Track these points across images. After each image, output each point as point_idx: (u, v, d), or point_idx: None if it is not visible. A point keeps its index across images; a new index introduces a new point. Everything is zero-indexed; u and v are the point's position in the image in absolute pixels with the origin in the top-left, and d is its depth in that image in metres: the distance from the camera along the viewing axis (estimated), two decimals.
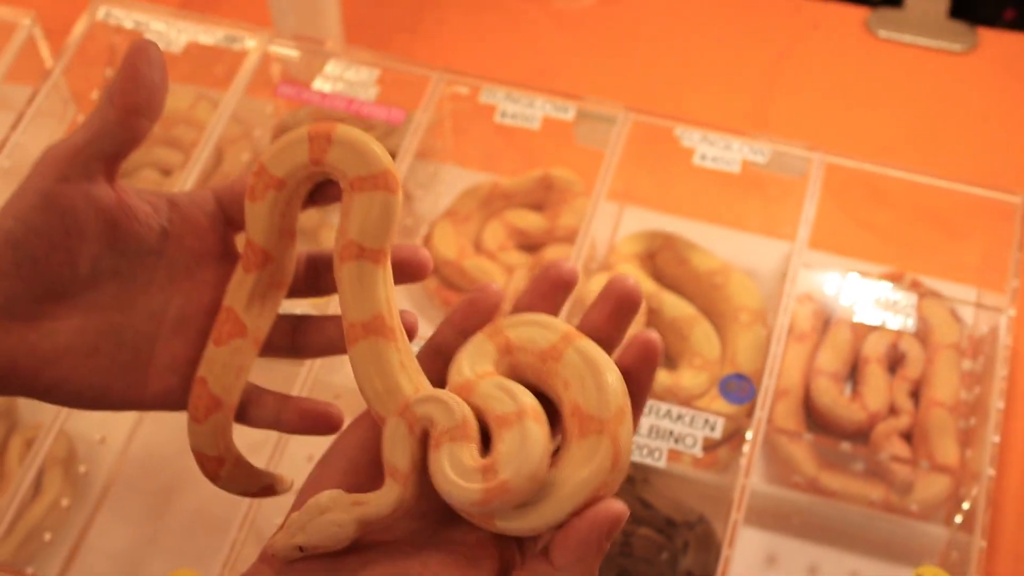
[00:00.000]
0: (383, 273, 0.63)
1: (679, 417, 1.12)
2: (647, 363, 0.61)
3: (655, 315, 1.29)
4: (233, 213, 0.66)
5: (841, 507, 1.17)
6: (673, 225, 1.36)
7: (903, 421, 1.21)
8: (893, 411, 1.22)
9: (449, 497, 0.57)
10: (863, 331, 1.27)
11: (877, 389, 1.23)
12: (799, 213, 1.23)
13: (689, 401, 1.20)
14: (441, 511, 0.61)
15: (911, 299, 1.25)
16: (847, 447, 1.19)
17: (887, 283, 1.28)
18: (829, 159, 1.26)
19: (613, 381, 0.59)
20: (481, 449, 0.58)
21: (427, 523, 0.61)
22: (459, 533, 0.61)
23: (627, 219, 1.40)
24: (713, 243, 1.34)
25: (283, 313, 0.67)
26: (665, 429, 1.12)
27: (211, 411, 0.64)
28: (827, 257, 1.33)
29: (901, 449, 1.19)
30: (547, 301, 0.64)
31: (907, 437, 1.21)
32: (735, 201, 1.37)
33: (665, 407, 1.13)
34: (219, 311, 0.65)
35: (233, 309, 0.64)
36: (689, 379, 1.23)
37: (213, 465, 0.66)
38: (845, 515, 1.17)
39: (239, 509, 1.09)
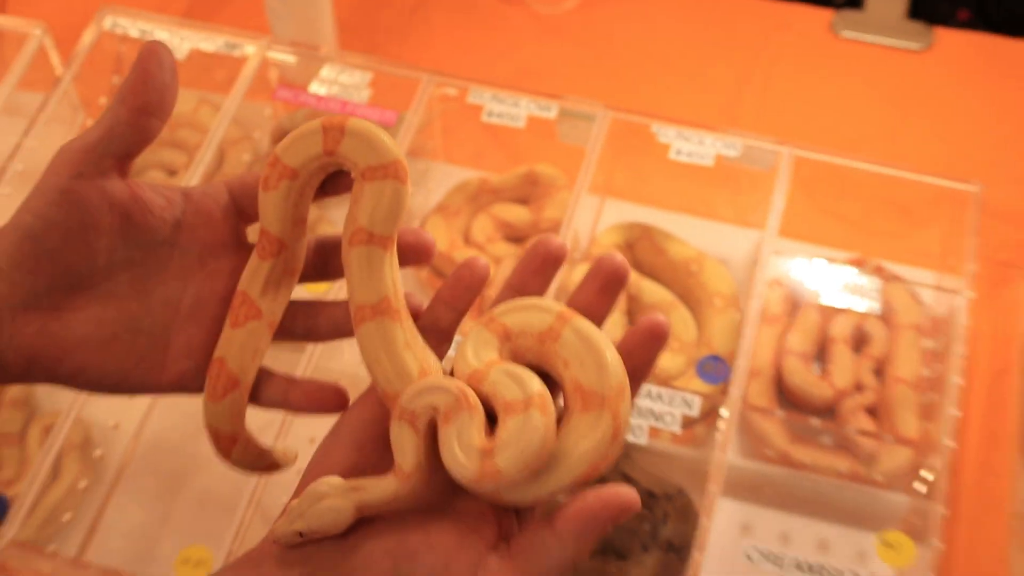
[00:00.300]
0: (390, 258, 0.63)
1: (659, 396, 1.13)
2: (654, 343, 0.61)
3: (635, 301, 1.29)
4: (244, 205, 0.66)
5: (811, 478, 1.18)
6: (650, 216, 1.36)
7: (868, 397, 1.22)
8: (859, 388, 1.23)
9: (450, 470, 0.58)
10: (830, 313, 1.28)
11: (843, 368, 1.24)
12: (769, 204, 1.23)
13: (668, 381, 1.21)
14: (445, 483, 0.60)
15: (875, 283, 1.26)
16: (816, 422, 1.19)
17: (852, 268, 1.28)
18: (797, 152, 1.26)
19: (612, 359, 0.59)
20: (488, 428, 0.58)
21: (433, 493, 0.61)
22: (461, 502, 0.61)
23: (607, 211, 1.40)
24: (688, 233, 1.34)
25: (293, 299, 0.67)
26: (646, 408, 1.12)
27: (228, 390, 0.64)
28: (796, 245, 1.33)
29: (866, 423, 1.20)
30: (537, 276, 0.64)
31: (872, 412, 1.21)
32: (709, 193, 1.37)
33: (645, 387, 1.13)
34: (235, 296, 0.64)
35: (248, 294, 0.64)
36: (668, 361, 1.23)
37: (227, 443, 0.66)
38: (815, 485, 1.18)
39: (246, 489, 1.09)
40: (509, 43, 1.57)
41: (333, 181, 0.66)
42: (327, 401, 0.67)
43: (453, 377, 0.61)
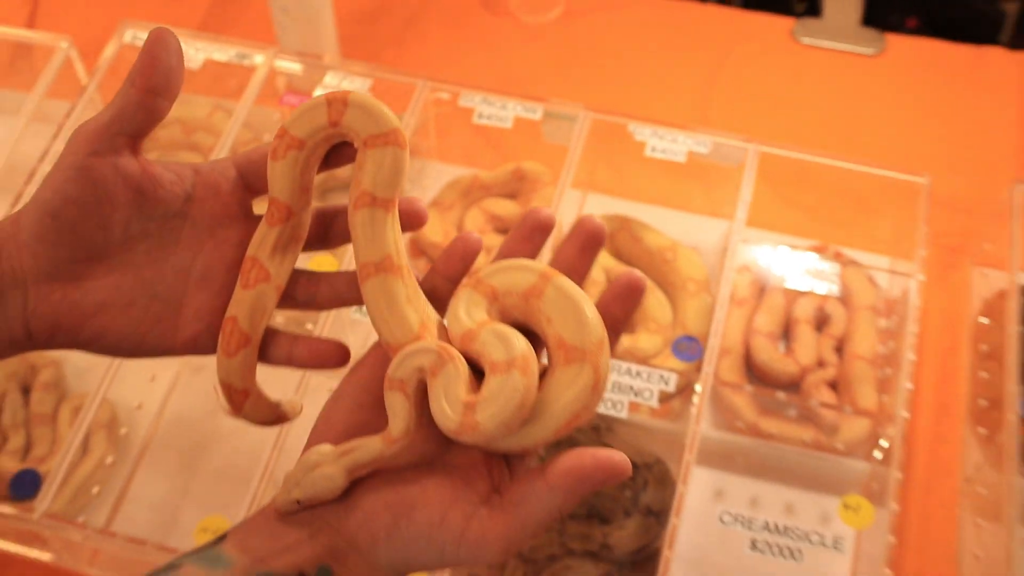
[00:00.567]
0: (392, 220, 0.62)
1: (637, 374, 1.12)
2: (631, 296, 0.61)
3: None
4: (251, 179, 0.65)
5: (778, 447, 1.17)
6: (628, 209, 1.36)
7: (829, 372, 1.21)
8: (821, 364, 1.22)
9: (436, 420, 0.57)
10: (793, 296, 1.27)
11: (807, 346, 1.23)
12: (737, 196, 1.22)
13: (646, 360, 1.20)
14: (438, 437, 0.60)
15: (834, 268, 1.25)
16: (782, 396, 1.19)
17: (813, 254, 1.27)
18: (762, 149, 1.25)
19: (592, 315, 0.58)
20: (475, 382, 0.58)
21: (429, 446, 0.61)
22: (455, 456, 0.60)
23: (589, 204, 1.39)
24: (663, 224, 1.33)
25: (298, 268, 0.66)
26: (626, 384, 1.11)
27: (241, 346, 0.63)
28: (762, 233, 1.32)
29: (828, 396, 1.19)
30: (528, 243, 0.63)
31: (833, 386, 1.21)
32: (682, 187, 1.36)
33: (625, 365, 1.12)
34: (244, 260, 0.63)
35: (258, 258, 0.63)
36: (645, 341, 1.23)
37: (239, 397, 0.65)
38: (781, 454, 1.17)
39: (259, 463, 1.08)
40: (497, 51, 1.56)
41: (336, 153, 0.65)
42: (330, 356, 0.66)
43: (445, 336, 0.61)
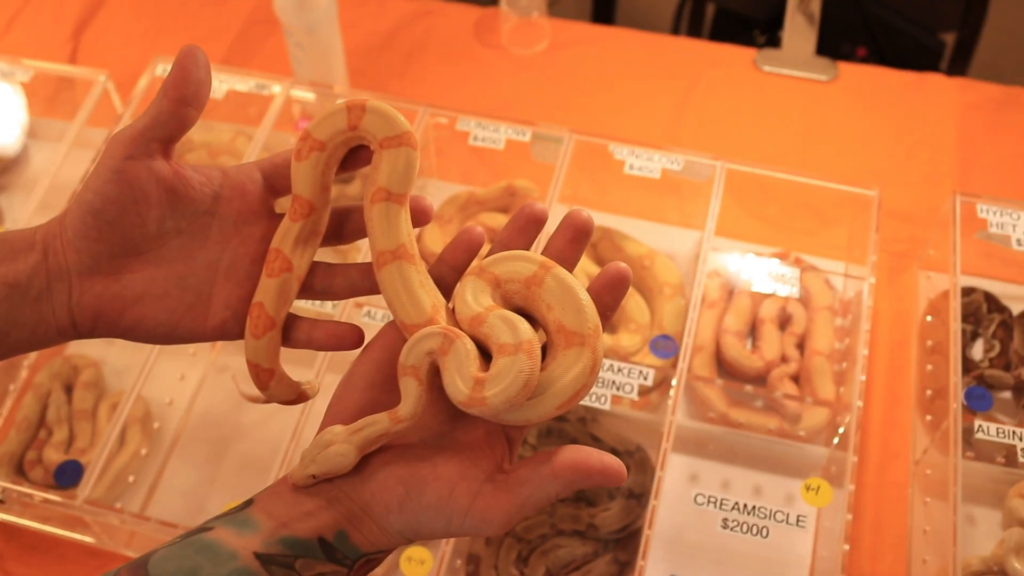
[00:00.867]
0: (405, 214, 0.62)
1: (619, 370, 1.11)
2: (620, 285, 0.61)
3: None
4: (274, 181, 0.65)
5: (746, 435, 1.17)
6: (610, 221, 1.35)
7: (792, 367, 1.20)
8: (784, 359, 1.22)
9: (447, 391, 0.57)
10: (759, 298, 1.26)
11: (771, 343, 1.22)
12: (707, 208, 1.22)
13: (627, 357, 1.19)
14: (448, 412, 0.60)
15: (795, 272, 1.25)
16: (749, 389, 1.18)
17: (776, 261, 1.27)
18: (729, 166, 1.25)
19: (588, 303, 0.58)
20: (482, 362, 0.58)
21: (438, 422, 0.61)
22: (460, 433, 0.60)
23: None
24: (641, 234, 1.32)
25: (316, 260, 0.65)
26: (609, 380, 1.11)
27: (267, 329, 0.63)
28: (730, 242, 1.32)
29: (791, 389, 1.18)
30: (523, 235, 0.63)
31: (795, 379, 1.20)
32: (657, 200, 1.36)
33: (608, 362, 1.12)
34: (269, 251, 0.63)
35: (281, 250, 0.63)
36: (626, 340, 1.22)
37: (266, 376, 0.65)
38: (749, 441, 1.17)
39: (278, 452, 1.08)
40: (490, 80, 1.55)
41: (352, 157, 0.65)
42: (346, 338, 0.65)
43: (453, 318, 0.61)
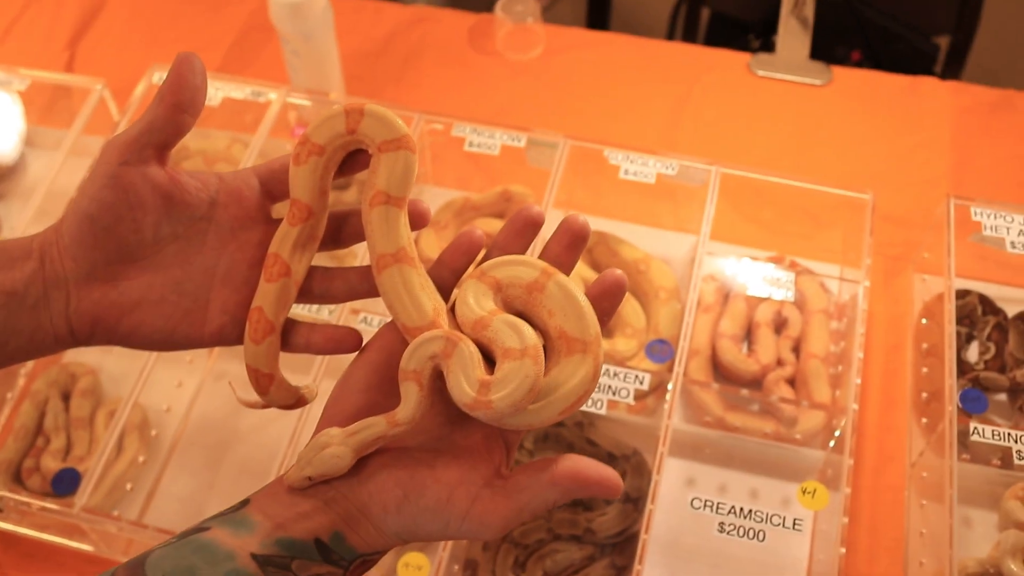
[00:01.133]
0: (404, 217, 0.61)
1: (615, 375, 1.11)
2: (617, 292, 0.61)
3: None
4: (271, 187, 0.64)
5: (742, 439, 1.16)
6: (605, 225, 1.35)
7: (787, 370, 1.20)
8: (780, 363, 1.22)
9: (453, 395, 0.57)
10: (754, 302, 1.26)
11: (767, 347, 1.22)
12: (702, 213, 1.21)
13: (623, 362, 1.19)
14: (447, 415, 0.60)
15: (790, 276, 1.24)
16: (745, 392, 1.18)
17: (771, 264, 1.27)
18: (723, 170, 1.24)
19: (590, 311, 0.58)
20: (486, 365, 0.57)
21: (437, 424, 0.60)
22: (459, 437, 0.60)
23: None
24: (637, 238, 1.32)
25: (314, 264, 0.65)
26: (605, 384, 1.10)
27: (267, 334, 0.62)
28: (725, 246, 1.31)
29: (787, 392, 1.18)
30: (520, 237, 0.62)
31: (791, 382, 1.20)
32: (652, 205, 1.36)
33: (604, 367, 1.11)
34: (267, 256, 0.63)
35: (280, 255, 0.62)
36: (622, 345, 1.22)
37: (266, 381, 0.64)
38: (746, 445, 1.17)
39: (276, 459, 1.07)
40: (485, 86, 1.55)
41: (350, 161, 0.64)
42: (345, 342, 0.64)
43: (453, 320, 0.60)
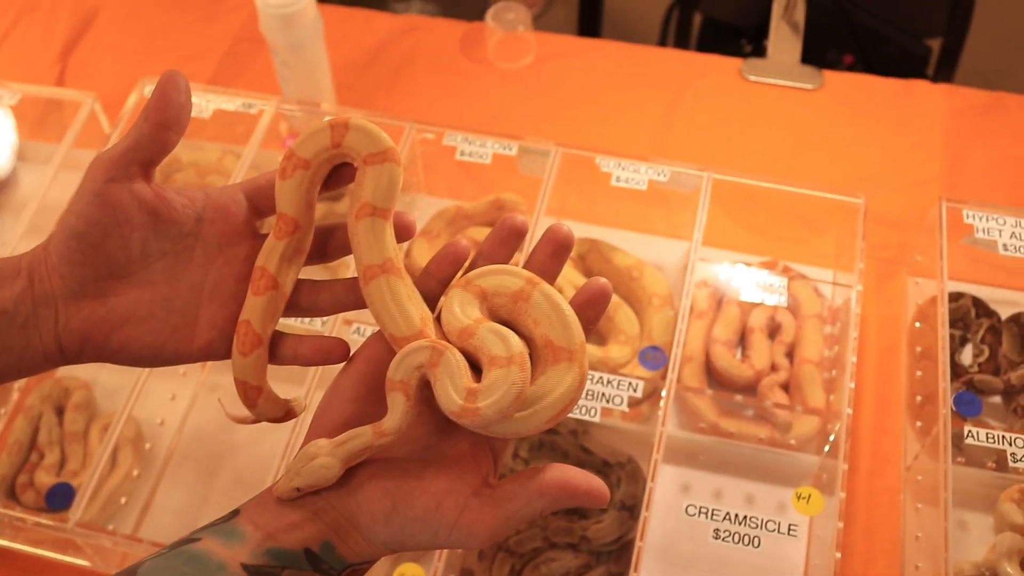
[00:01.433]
0: (390, 228, 0.62)
1: (609, 382, 1.10)
2: (602, 300, 0.61)
3: None
4: (258, 203, 0.64)
5: (737, 445, 1.16)
6: (598, 233, 1.34)
7: (782, 376, 1.20)
8: (774, 368, 1.21)
9: (440, 404, 0.57)
10: (748, 307, 1.26)
11: (761, 352, 1.21)
12: (694, 219, 1.21)
13: (616, 369, 1.19)
14: (435, 425, 0.60)
15: (783, 281, 1.24)
16: (740, 398, 1.18)
17: (764, 270, 1.27)
18: (715, 176, 1.24)
19: (575, 320, 0.59)
20: (473, 374, 0.58)
21: (425, 434, 0.60)
22: (448, 446, 0.60)
23: None
24: (629, 245, 1.32)
25: (300, 278, 0.65)
26: (598, 392, 1.10)
27: (255, 346, 0.62)
28: (718, 252, 1.31)
29: (781, 397, 1.18)
30: (504, 246, 0.62)
31: (785, 388, 1.20)
32: (644, 212, 1.35)
33: (598, 375, 1.11)
34: (254, 270, 0.63)
35: (267, 269, 0.62)
36: (616, 352, 1.21)
37: (254, 394, 0.64)
38: (740, 451, 1.16)
39: (269, 471, 1.07)
40: (476, 95, 1.54)
41: (336, 175, 0.64)
42: (332, 352, 0.64)
43: (439, 330, 0.60)
